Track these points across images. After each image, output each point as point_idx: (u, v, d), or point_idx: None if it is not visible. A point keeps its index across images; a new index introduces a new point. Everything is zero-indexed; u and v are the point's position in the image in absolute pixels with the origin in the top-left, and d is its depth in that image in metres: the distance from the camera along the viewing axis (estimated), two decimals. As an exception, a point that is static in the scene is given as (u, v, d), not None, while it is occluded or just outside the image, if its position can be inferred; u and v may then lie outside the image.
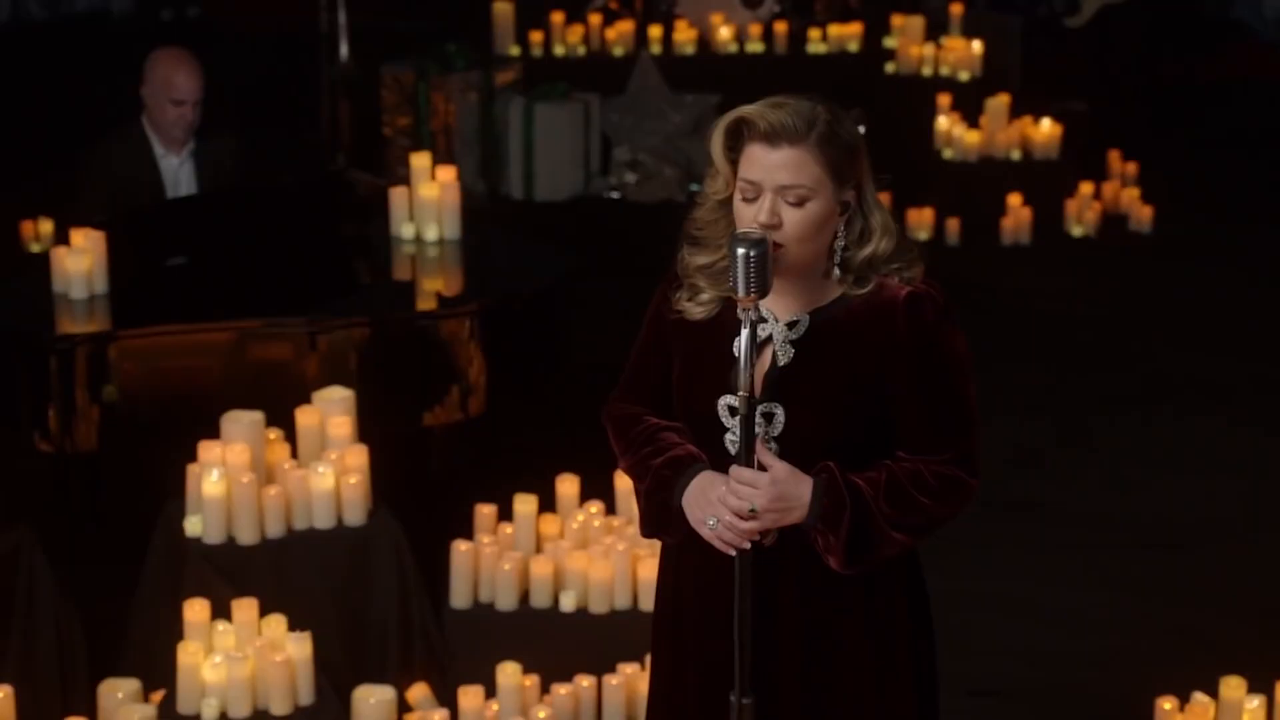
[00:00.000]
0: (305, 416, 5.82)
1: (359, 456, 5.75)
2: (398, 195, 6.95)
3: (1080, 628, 6.44)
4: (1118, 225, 10.64)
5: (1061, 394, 8.43)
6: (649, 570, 5.81)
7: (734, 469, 3.49)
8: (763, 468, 3.49)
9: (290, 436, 5.86)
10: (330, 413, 5.82)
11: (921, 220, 10.16)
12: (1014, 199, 10.39)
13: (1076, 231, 10.44)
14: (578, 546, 5.93)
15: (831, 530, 3.49)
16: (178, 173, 6.91)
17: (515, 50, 11.58)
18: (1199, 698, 5.61)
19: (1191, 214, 10.81)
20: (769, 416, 3.55)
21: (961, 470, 3.57)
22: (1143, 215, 10.55)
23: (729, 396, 3.57)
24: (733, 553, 3.52)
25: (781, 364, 3.56)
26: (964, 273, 9.51)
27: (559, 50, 11.72)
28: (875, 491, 3.51)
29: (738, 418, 3.51)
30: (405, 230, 6.95)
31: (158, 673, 5.59)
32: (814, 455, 3.52)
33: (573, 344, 6.79)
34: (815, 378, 3.55)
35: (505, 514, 6.05)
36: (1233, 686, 5.51)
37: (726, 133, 3.54)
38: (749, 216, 3.50)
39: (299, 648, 5.32)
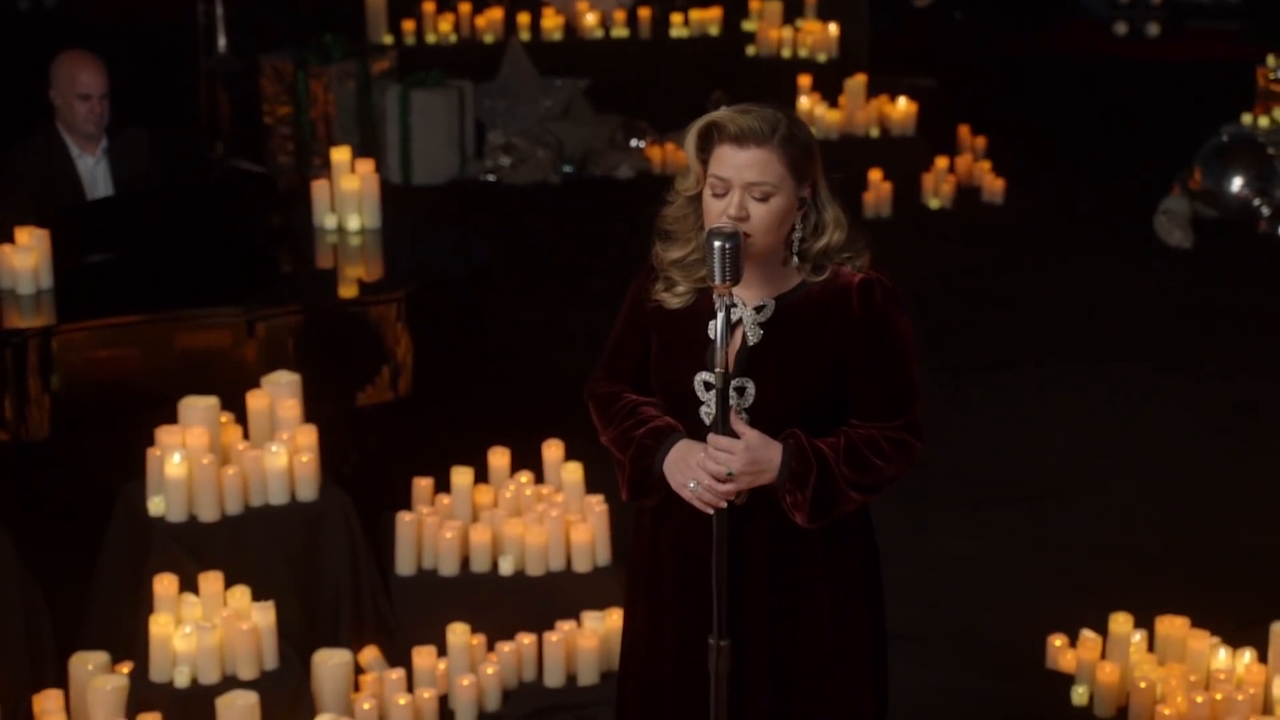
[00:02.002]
0: (256, 400, 6.17)
1: (309, 436, 6.10)
2: (319, 187, 7.28)
3: (973, 575, 6.86)
4: (972, 197, 11.13)
5: (933, 360, 8.86)
6: (580, 534, 6.23)
7: (711, 437, 3.90)
8: (736, 435, 3.91)
9: (240, 419, 6.20)
10: (279, 395, 6.17)
11: (788, 197, 10.59)
12: (874, 174, 10.85)
13: (934, 204, 10.92)
14: (512, 514, 6.33)
15: (799, 490, 3.92)
16: (94, 171, 7.17)
17: (389, 39, 11.89)
18: (1087, 634, 6.11)
19: (1039, 183, 11.32)
20: (740, 390, 3.96)
21: (910, 435, 4.02)
22: (995, 187, 11.07)
23: (704, 373, 3.97)
24: (711, 512, 3.94)
25: (751, 343, 3.97)
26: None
27: (431, 38, 12.05)
28: (836, 455, 3.93)
29: (712, 392, 3.92)
30: (328, 221, 7.28)
31: (121, 645, 5.92)
32: (781, 423, 3.94)
33: (492, 325, 7.16)
34: (781, 355, 3.97)
35: (441, 486, 6.44)
36: (1120, 622, 6.02)
37: (699, 135, 3.96)
38: (718, 210, 3.91)
39: (263, 616, 5.67)
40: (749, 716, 4.05)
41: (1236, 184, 10.25)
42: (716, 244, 3.80)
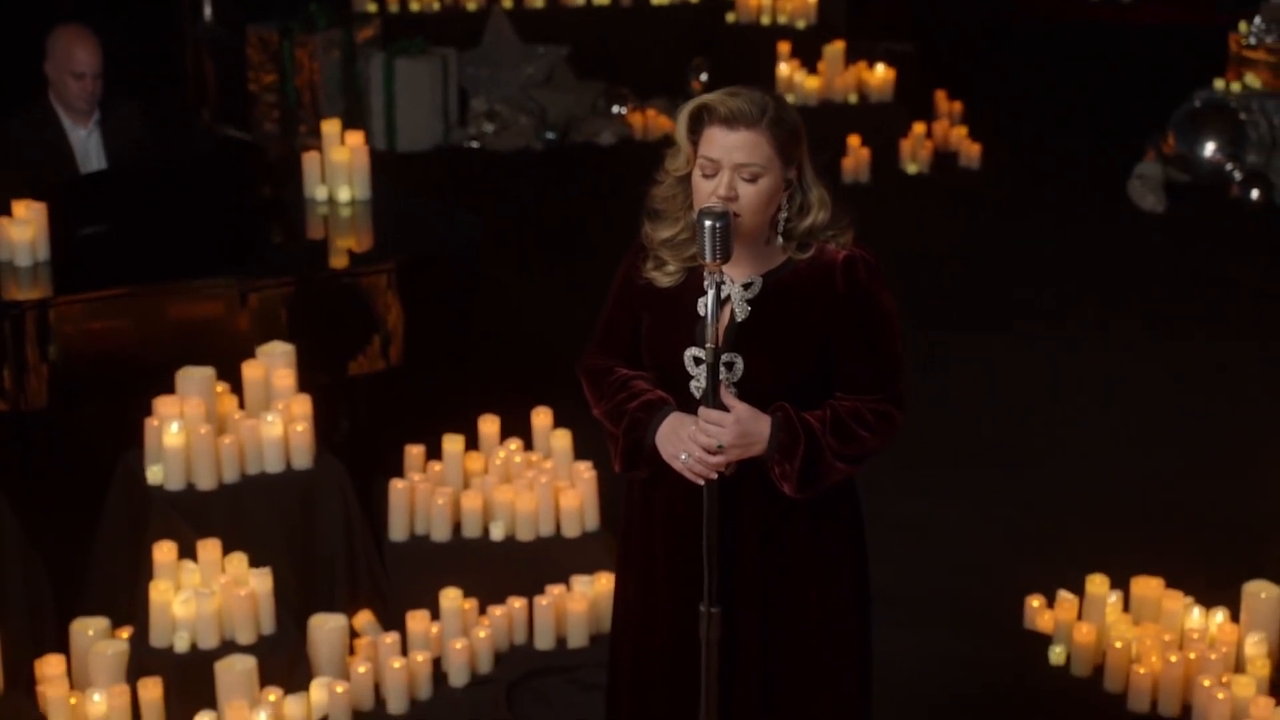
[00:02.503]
0: (251, 370, 6.29)
1: (304, 405, 6.23)
2: (310, 159, 7.39)
3: (951, 538, 7.02)
4: (949, 162, 11.26)
5: (911, 324, 8.97)
6: (569, 500, 6.38)
7: (702, 410, 4.03)
8: (726, 409, 4.05)
9: (236, 388, 6.33)
10: (274, 365, 6.30)
11: (769, 163, 10.70)
12: (853, 140, 10.98)
13: (911, 169, 11.05)
14: (502, 481, 6.47)
15: (787, 461, 4.06)
16: (86, 143, 7.27)
17: (373, 7, 11.98)
18: (1064, 595, 6.26)
19: (1015, 148, 11.44)
20: (729, 365, 4.09)
21: (893, 407, 4.17)
22: (971, 152, 11.20)
23: (694, 349, 4.11)
24: (702, 483, 4.08)
25: (739, 320, 4.11)
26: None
27: (415, 6, 12.14)
28: (823, 427, 4.07)
29: (702, 367, 4.06)
30: (319, 192, 7.41)
31: (120, 610, 6.05)
32: (768, 397, 4.07)
33: (480, 294, 7.28)
34: (769, 331, 4.10)
35: (432, 453, 6.57)
36: (1097, 584, 6.17)
37: (689, 117, 4.08)
38: (708, 191, 4.04)
39: (261, 582, 5.82)
40: (739, 683, 4.19)
41: (1209, 149, 10.39)
42: (707, 223, 3.93)
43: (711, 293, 3.98)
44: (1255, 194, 10.06)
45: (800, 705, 4.24)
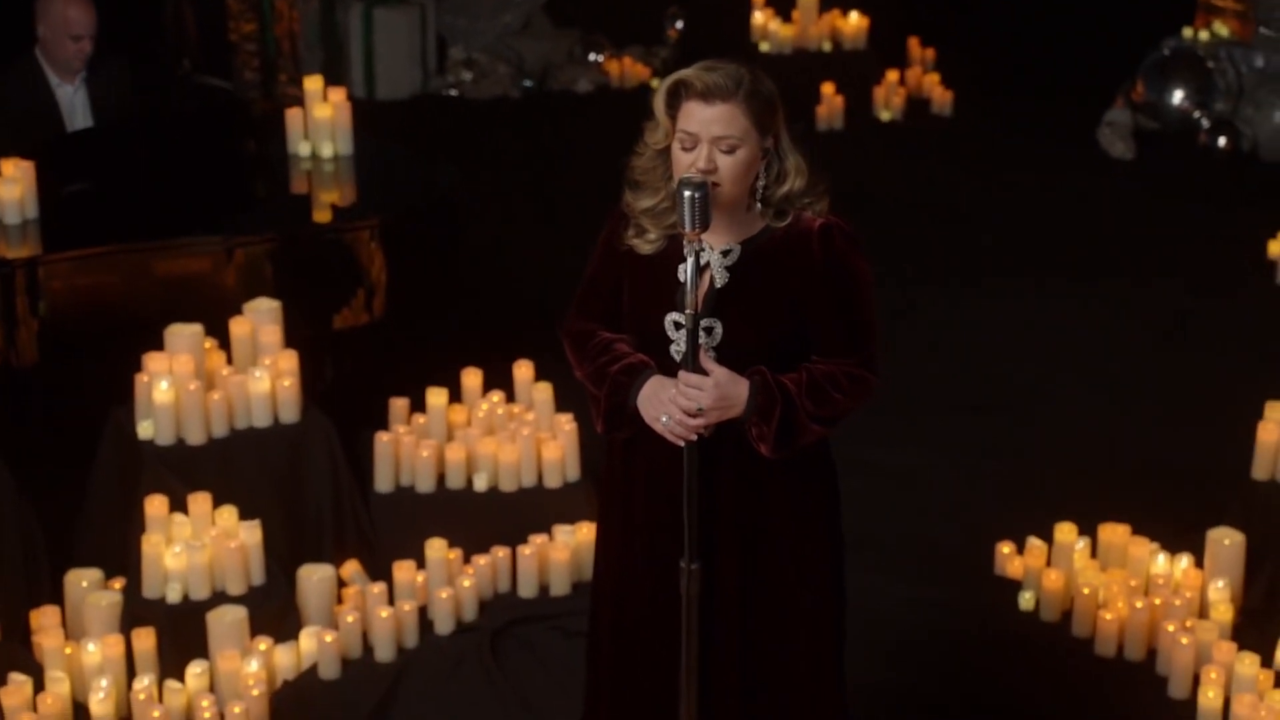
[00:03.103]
0: (238, 326, 6.42)
1: (290, 361, 6.36)
2: (293, 115, 7.49)
3: (924, 485, 7.16)
4: (922, 109, 11.34)
5: (883, 271, 9.08)
6: (550, 451, 6.52)
7: (682, 374, 4.17)
8: (705, 373, 4.19)
9: (223, 344, 6.46)
10: (261, 322, 6.43)
11: (743, 111, 10.77)
12: (827, 88, 11.07)
13: (884, 116, 11.15)
14: (485, 433, 6.61)
15: (764, 423, 4.20)
16: (73, 100, 7.36)
17: (351, -44, 12.05)
18: (1034, 542, 6.42)
19: (988, 95, 11.52)
20: (709, 330, 4.23)
21: (867, 370, 4.31)
22: (944, 99, 11.30)
23: (674, 314, 4.25)
24: (682, 444, 4.23)
25: (718, 286, 4.24)
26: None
27: (393, -46, 12.20)
28: (799, 390, 4.21)
29: (682, 331, 4.20)
30: (301, 148, 7.51)
31: (114, 561, 6.18)
32: (747, 361, 4.21)
33: (462, 246, 7.40)
34: (747, 296, 4.24)
35: (416, 406, 6.71)
36: (1065, 531, 6.33)
37: (667, 92, 4.21)
38: (687, 163, 4.17)
39: (250, 535, 5.96)
40: (718, 635, 4.35)
41: (1177, 97, 10.51)
42: (686, 194, 4.05)
43: (691, 261, 4.11)
44: (1222, 141, 10.19)
45: (777, 655, 4.40)
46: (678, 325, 4.25)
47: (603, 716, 4.60)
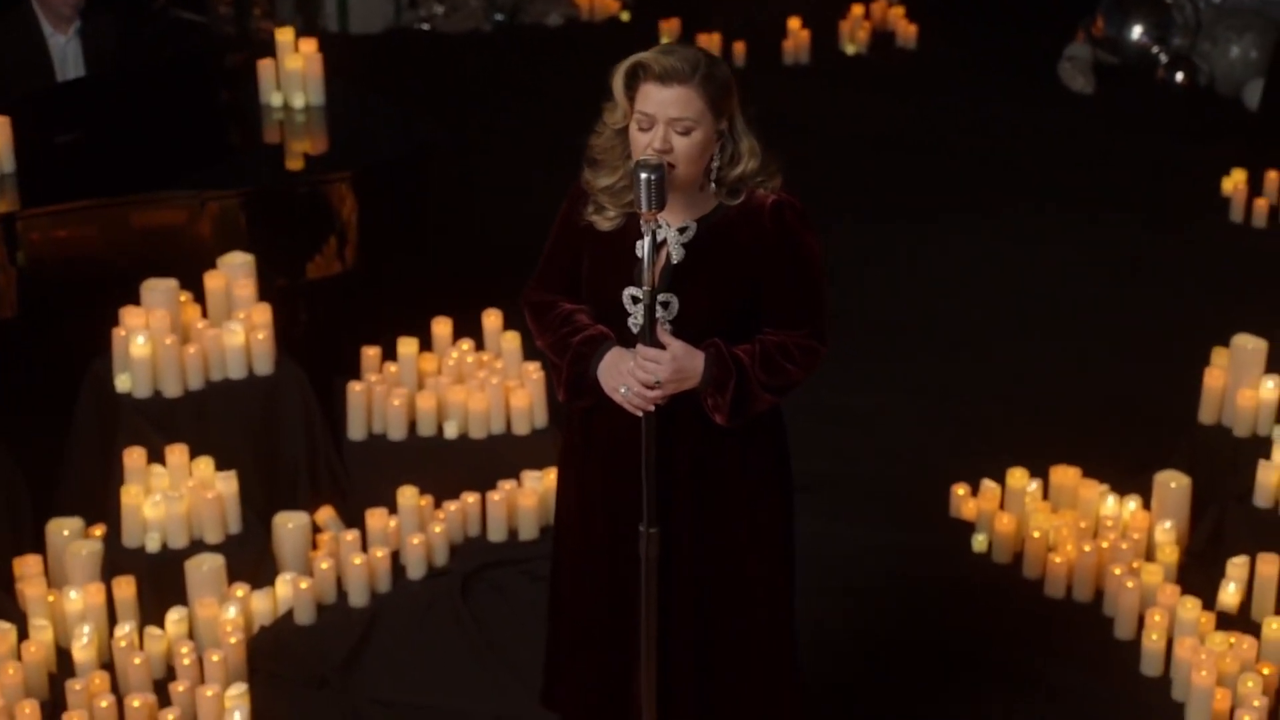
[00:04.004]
0: (213, 280, 6.57)
1: (264, 314, 6.52)
2: (265, 66, 7.61)
3: (882, 427, 7.31)
4: (886, 42, 11.43)
5: (849, 209, 9.22)
6: (519, 399, 6.69)
7: (640, 348, 4.33)
8: (662, 346, 4.35)
9: (198, 297, 6.61)
10: (235, 276, 6.58)
11: (710, 45, 10.89)
12: (793, 22, 11.16)
13: (850, 50, 11.24)
14: (455, 381, 6.78)
15: (719, 393, 4.38)
16: (65, 50, 7.44)
17: (325, -111, 12.09)
18: (987, 484, 6.61)
19: (951, 28, 11.59)
20: (666, 304, 4.39)
21: (816, 342, 4.47)
22: (908, 33, 11.40)
23: (633, 288, 4.41)
24: (640, 415, 4.41)
25: (675, 262, 4.40)
26: (751, 95, 10.24)
27: (365, -111, 12.23)
28: (752, 361, 4.39)
29: (640, 305, 4.36)
30: (274, 99, 7.64)
31: (94, 510, 6.36)
32: (702, 334, 4.38)
33: (433, 198, 7.53)
34: (702, 272, 4.40)
35: (388, 354, 6.87)
36: (1016, 477, 6.52)
37: (626, 74, 4.35)
38: (643, 143, 4.32)
39: (226, 485, 6.14)
40: (674, 597, 4.54)
41: (1136, 32, 10.63)
42: (643, 175, 4.21)
43: (647, 239, 4.27)
44: (1180, 76, 10.33)
45: (731, 613, 4.60)
46: (635, 299, 4.41)
47: (564, 669, 4.81)
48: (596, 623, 4.67)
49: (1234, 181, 8.99)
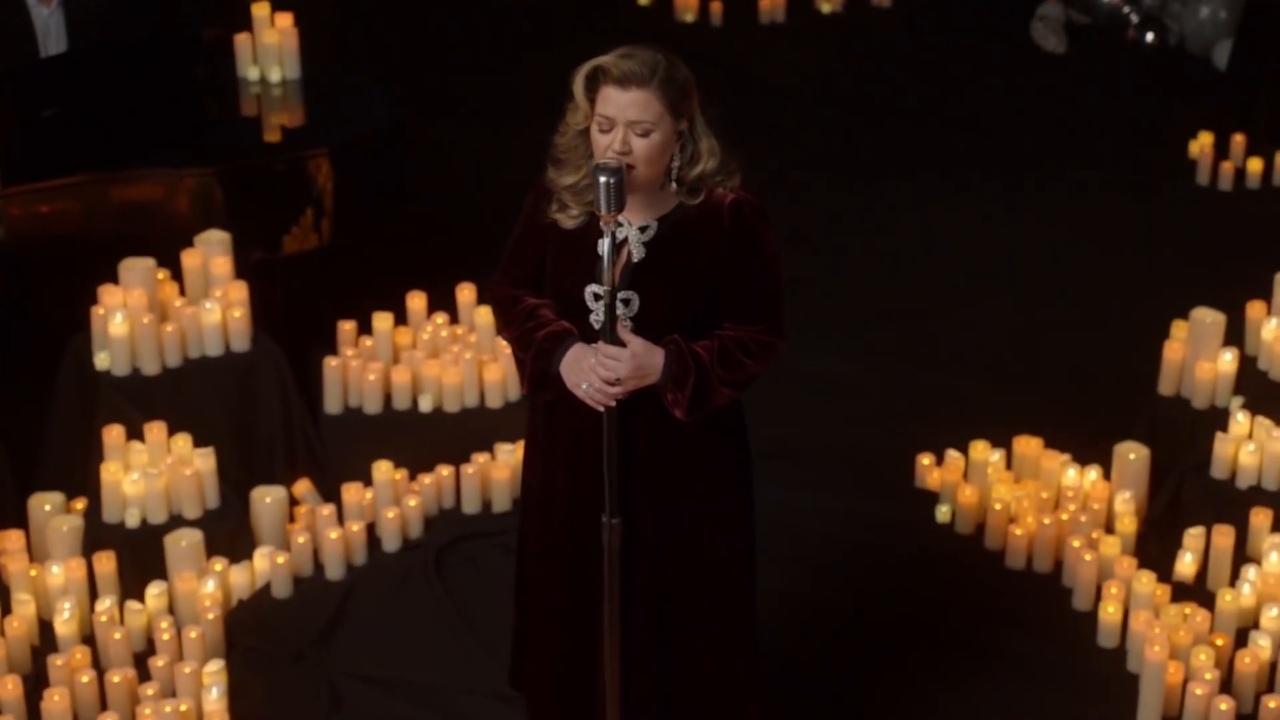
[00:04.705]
0: (190, 258, 6.68)
1: (240, 291, 6.63)
2: (241, 41, 7.69)
3: (849, 394, 7.39)
4: (862, 1, 11.41)
5: (820, 171, 9.28)
6: (492, 373, 6.80)
7: (601, 345, 4.46)
8: (623, 344, 4.47)
9: (176, 274, 6.72)
10: (212, 254, 6.69)
11: (687, 4, 10.88)
12: (770, -21, 11.19)
13: (825, 8, 11.23)
14: (430, 355, 6.89)
15: (679, 389, 4.50)
16: (48, 22, 7.46)
17: None
18: (952, 454, 6.74)
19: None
20: (627, 302, 4.51)
21: (774, 337, 4.60)
22: (883, -12, 11.41)
23: (594, 285, 4.53)
24: (601, 409, 4.53)
25: (636, 260, 4.52)
26: (727, 55, 10.32)
27: None
28: (711, 357, 4.51)
29: (601, 303, 4.48)
30: (250, 73, 7.72)
31: (75, 484, 6.49)
32: (663, 330, 4.51)
33: (407, 174, 7.61)
34: (662, 270, 4.52)
35: (364, 328, 6.98)
36: (979, 450, 6.64)
37: (586, 78, 4.46)
38: (604, 145, 4.43)
39: (204, 461, 6.26)
40: (636, 585, 4.69)
41: (1107, -9, 10.70)
42: (602, 179, 4.32)
43: (607, 241, 4.39)
44: (1150, 37, 10.39)
45: (692, 599, 4.75)
46: (596, 297, 4.53)
47: (530, 651, 4.97)
48: (560, 607, 4.82)
49: (1201, 145, 9.07)
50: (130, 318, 6.45)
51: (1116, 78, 10.24)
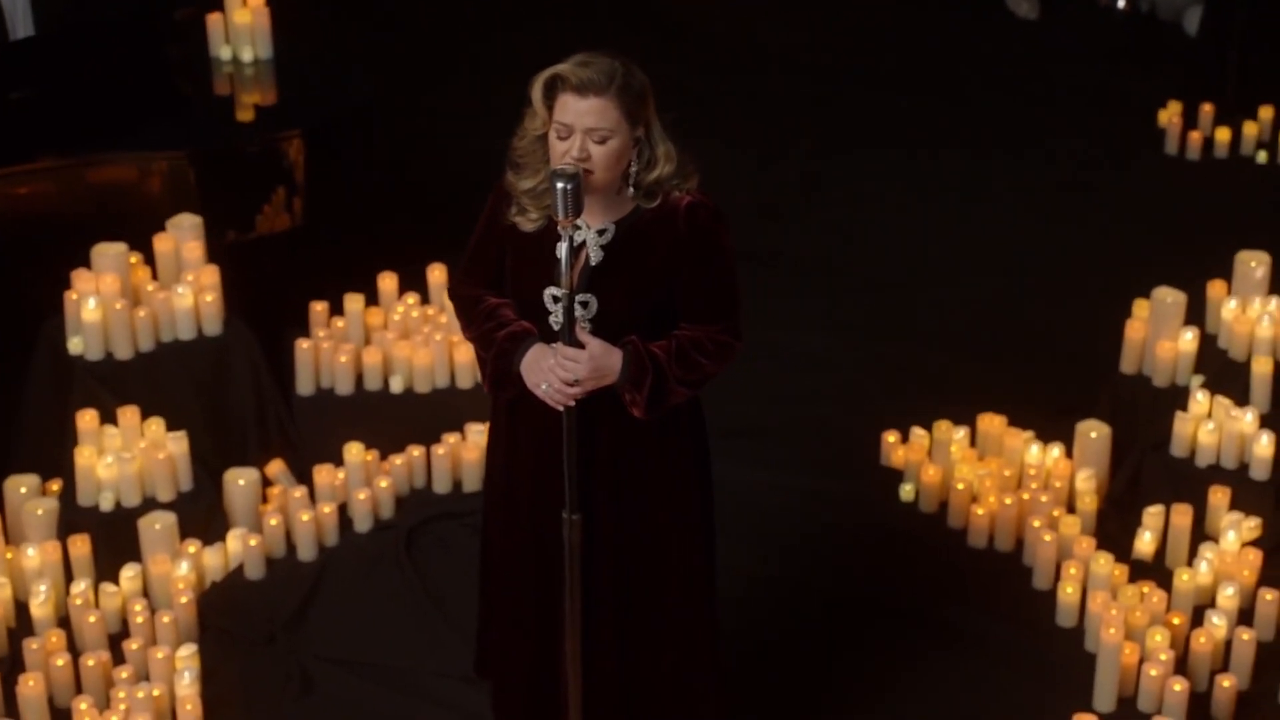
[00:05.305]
0: (162, 243, 6.74)
1: (212, 275, 6.70)
2: (213, 20, 7.74)
3: (817, 369, 7.45)
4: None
5: (796, 142, 9.31)
6: (463, 354, 6.87)
7: (559, 347, 4.55)
8: (581, 345, 4.55)
9: (148, 258, 6.78)
10: (184, 238, 6.75)
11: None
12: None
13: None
14: (401, 336, 6.96)
15: (636, 389, 4.59)
16: (15, 3, 7.49)
17: None
18: (917, 432, 6.82)
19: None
20: (585, 304, 4.59)
21: (730, 337, 4.69)
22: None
23: (553, 288, 4.61)
24: (561, 409, 4.62)
25: (594, 263, 4.60)
26: (704, 24, 10.34)
27: None
28: (668, 357, 4.60)
29: (560, 305, 4.56)
30: (223, 52, 7.77)
31: (49, 466, 6.56)
32: (620, 331, 4.59)
33: (379, 153, 7.67)
34: (620, 273, 4.60)
35: (335, 308, 7.04)
36: (943, 429, 6.73)
37: (544, 85, 4.53)
38: (561, 151, 4.50)
39: (177, 445, 6.34)
40: (597, 579, 4.79)
41: (1080, -45, 10.74)
42: (559, 185, 4.39)
43: (565, 245, 4.46)
44: (1122, 3, 10.44)
45: (651, 591, 4.86)
46: (555, 299, 4.61)
47: (494, 640, 5.10)
48: (523, 599, 4.93)
49: (1169, 114, 9.13)
50: (103, 303, 6.52)
51: (1089, 44, 10.28)
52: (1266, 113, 9.02)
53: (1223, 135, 8.99)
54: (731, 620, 5.49)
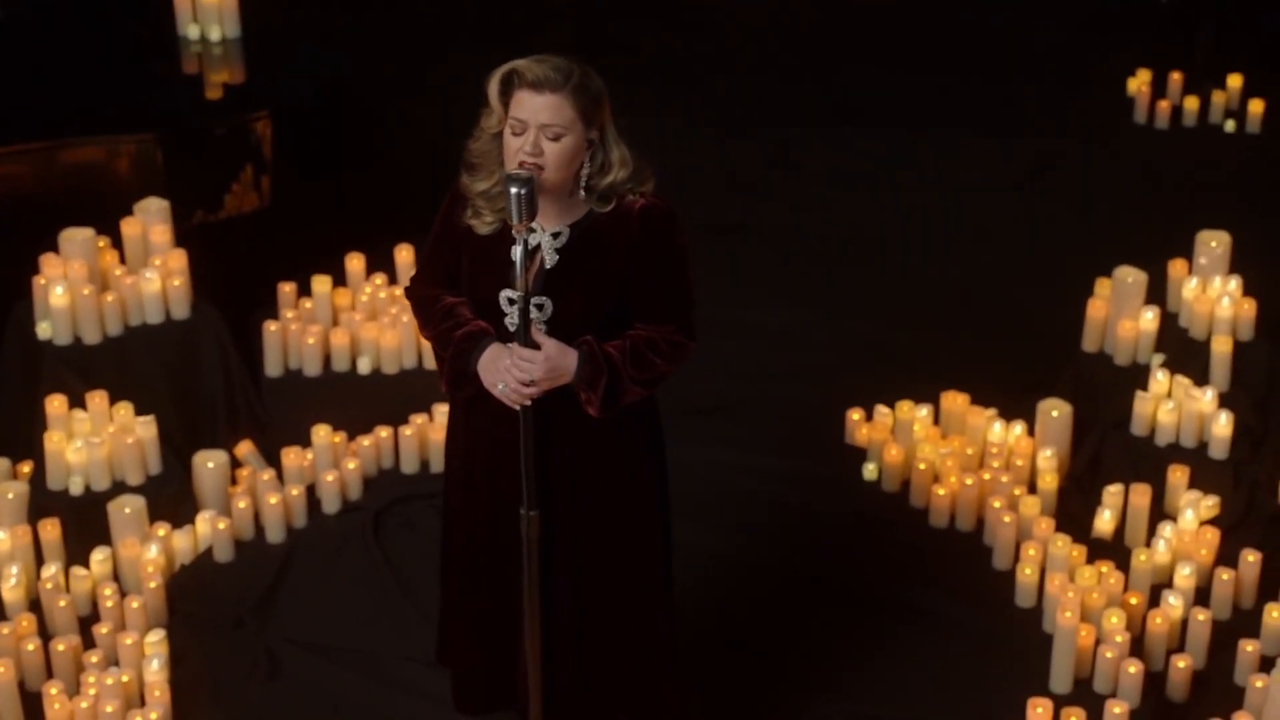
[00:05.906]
0: (129, 227, 6.78)
1: (180, 260, 6.74)
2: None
3: (781, 344, 7.49)
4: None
5: (764, 112, 9.34)
6: (429, 335, 6.92)
7: (515, 348, 4.60)
8: (537, 346, 4.60)
9: (116, 242, 6.83)
10: (151, 222, 6.79)
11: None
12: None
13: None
14: (368, 317, 7.01)
15: (591, 389, 4.64)
16: None
17: None
18: (881, 410, 6.88)
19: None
20: (540, 306, 4.64)
21: (684, 337, 4.74)
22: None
23: (509, 290, 4.65)
24: (518, 408, 4.68)
25: (549, 266, 4.66)
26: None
27: None
28: (623, 357, 4.65)
29: (515, 307, 4.60)
30: (191, 31, 7.79)
31: (20, 448, 6.62)
32: (575, 332, 4.64)
33: (346, 135, 7.69)
34: (575, 275, 4.65)
35: (303, 289, 7.09)
36: (905, 410, 6.78)
37: (501, 81, 4.57)
38: (516, 147, 4.55)
39: (146, 429, 6.40)
40: (555, 574, 4.86)
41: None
42: (513, 190, 4.43)
43: (519, 249, 4.51)
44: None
45: (607, 586, 4.93)
46: (511, 301, 4.66)
47: (454, 630, 5.18)
48: (482, 591, 5.00)
49: (1139, 82, 9.16)
50: (71, 288, 6.56)
51: (1060, 12, 10.27)
52: (1235, 81, 9.05)
53: (1191, 104, 9.02)
54: (693, 599, 5.55)
